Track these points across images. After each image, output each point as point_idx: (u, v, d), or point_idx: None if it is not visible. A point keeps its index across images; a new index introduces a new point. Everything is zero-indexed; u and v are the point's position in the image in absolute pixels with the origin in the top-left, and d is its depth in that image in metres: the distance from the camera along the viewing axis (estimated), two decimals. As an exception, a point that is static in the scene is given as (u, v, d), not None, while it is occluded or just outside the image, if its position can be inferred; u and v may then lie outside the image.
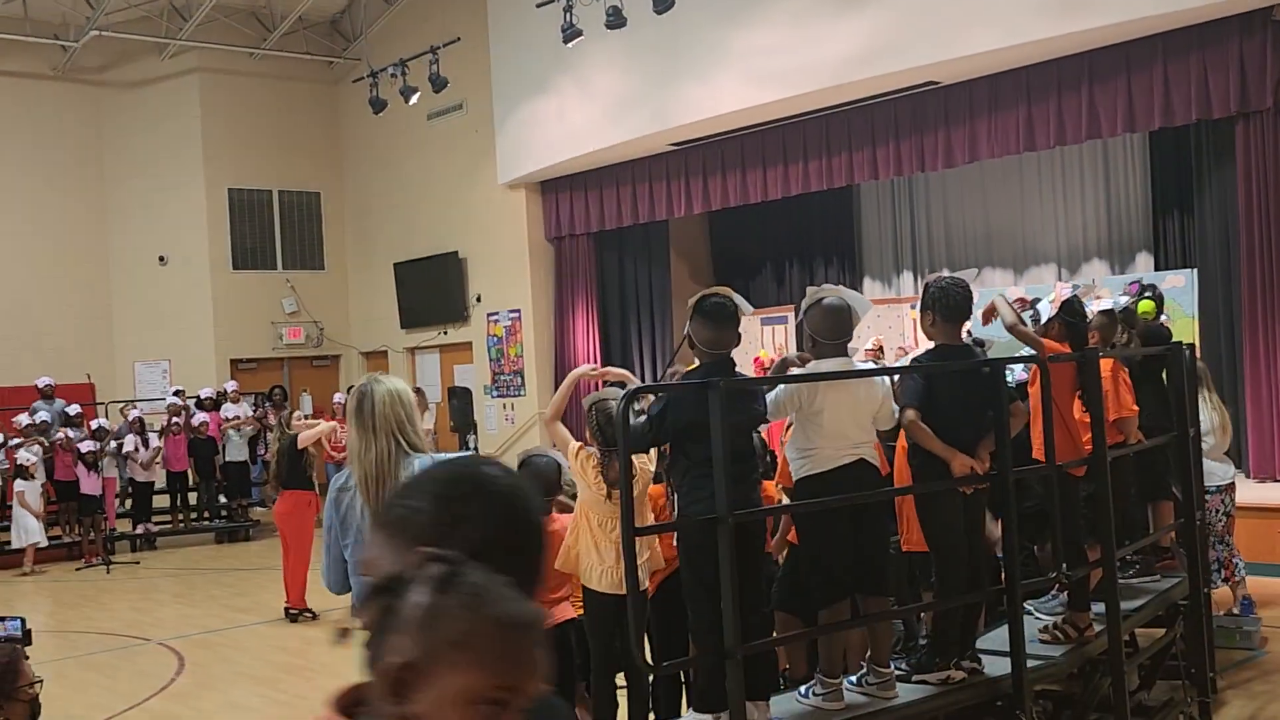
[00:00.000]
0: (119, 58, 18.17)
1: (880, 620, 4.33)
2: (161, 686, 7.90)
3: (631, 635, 3.70)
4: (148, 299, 18.25)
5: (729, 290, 4.13)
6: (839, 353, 4.33)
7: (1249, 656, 6.92)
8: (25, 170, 17.60)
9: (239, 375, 17.72)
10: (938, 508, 4.47)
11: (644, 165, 15.08)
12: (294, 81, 19.03)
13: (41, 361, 16.42)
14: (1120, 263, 13.27)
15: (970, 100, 11.93)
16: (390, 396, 3.86)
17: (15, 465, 13.41)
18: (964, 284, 4.61)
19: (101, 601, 11.39)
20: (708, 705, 3.92)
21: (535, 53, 15.14)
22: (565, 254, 16.49)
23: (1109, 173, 13.43)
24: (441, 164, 17.50)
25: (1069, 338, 5.26)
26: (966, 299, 4.59)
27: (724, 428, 3.65)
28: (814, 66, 12.13)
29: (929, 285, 4.64)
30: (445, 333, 17.79)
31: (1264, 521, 9.13)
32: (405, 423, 3.84)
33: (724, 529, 3.68)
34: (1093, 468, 5.08)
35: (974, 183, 14.44)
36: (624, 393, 3.74)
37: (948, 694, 4.41)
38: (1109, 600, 4.97)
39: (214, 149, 18.26)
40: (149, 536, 14.87)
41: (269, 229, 18.88)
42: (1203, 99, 10.28)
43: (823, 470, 4.19)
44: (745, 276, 16.64)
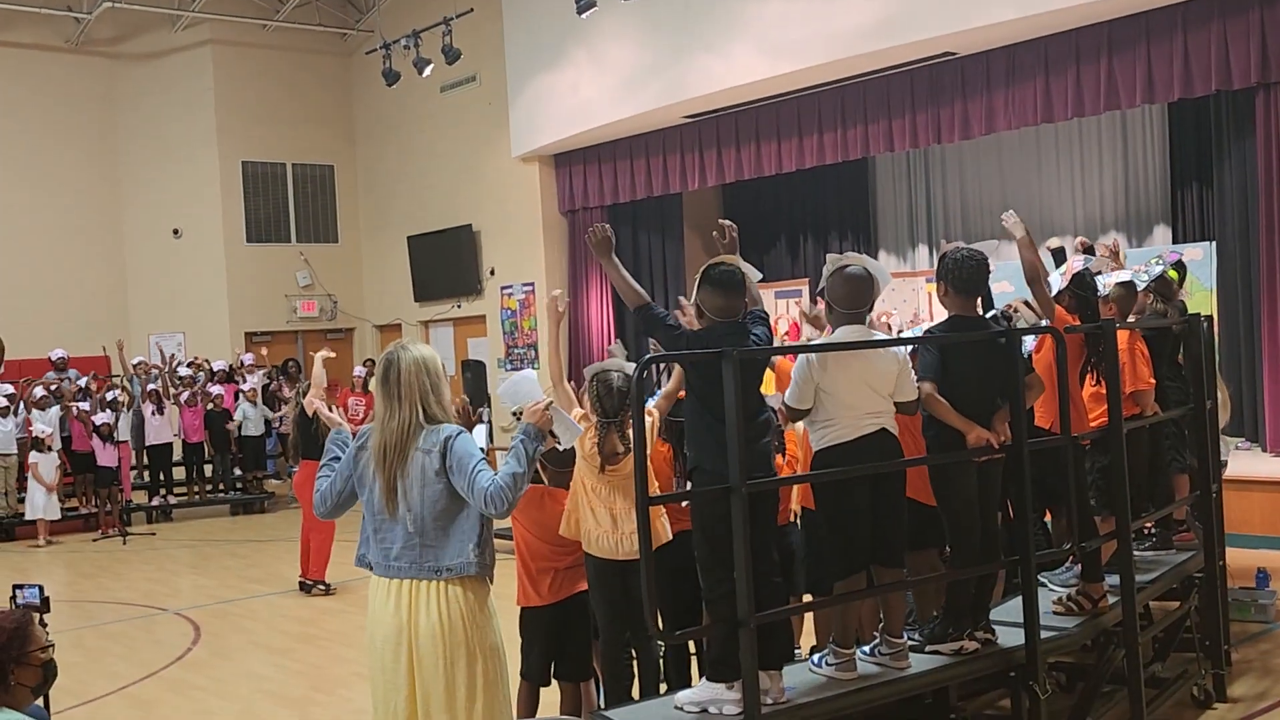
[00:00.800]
0: (132, 30, 18.16)
1: (894, 591, 4.32)
2: (178, 656, 7.96)
3: (646, 605, 3.69)
4: (162, 272, 18.30)
5: (736, 258, 4.11)
6: (857, 322, 4.30)
7: (1264, 629, 6.89)
8: (39, 143, 17.63)
9: (254, 348, 17.77)
10: (953, 479, 4.44)
11: (658, 138, 15.01)
12: (307, 53, 18.99)
13: (57, 334, 16.48)
14: (1138, 235, 13.18)
15: (988, 71, 11.82)
16: (416, 364, 3.84)
17: (32, 437, 13.48)
18: (979, 256, 4.56)
19: (118, 572, 11.47)
20: (721, 674, 3.92)
21: (549, 24, 15.06)
22: (579, 227, 16.44)
23: (1127, 144, 13.32)
24: (455, 136, 17.46)
25: (1078, 311, 5.21)
26: (979, 271, 4.54)
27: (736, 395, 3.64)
28: (829, 37, 12.03)
29: (944, 255, 4.61)
30: (459, 306, 17.79)
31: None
32: (429, 393, 3.83)
33: (737, 498, 3.67)
34: (1108, 440, 5.05)
35: (990, 155, 14.35)
36: (639, 362, 3.73)
37: (961, 664, 4.40)
38: (1124, 572, 4.95)
39: (227, 121, 18.25)
40: (165, 508, 14.96)
41: (283, 202, 18.88)
42: (1223, 69, 10.16)
43: (845, 441, 4.16)
44: (759, 249, 16.57)
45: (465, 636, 3.77)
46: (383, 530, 3.87)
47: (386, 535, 3.86)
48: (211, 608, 9.50)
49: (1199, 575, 5.89)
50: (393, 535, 3.84)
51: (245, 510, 15.40)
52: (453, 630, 3.76)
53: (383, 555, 3.87)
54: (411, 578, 3.81)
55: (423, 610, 3.78)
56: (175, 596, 10.10)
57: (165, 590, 10.45)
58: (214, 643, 8.28)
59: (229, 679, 7.32)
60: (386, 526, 3.86)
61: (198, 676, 7.41)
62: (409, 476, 3.79)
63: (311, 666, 7.57)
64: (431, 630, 3.76)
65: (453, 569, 3.79)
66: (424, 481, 3.78)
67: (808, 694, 4.06)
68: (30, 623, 3.53)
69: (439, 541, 3.80)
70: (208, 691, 7.05)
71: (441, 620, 3.76)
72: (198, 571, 11.45)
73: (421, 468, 3.78)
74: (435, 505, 3.78)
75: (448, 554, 3.79)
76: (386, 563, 3.86)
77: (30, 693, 3.48)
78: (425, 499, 3.78)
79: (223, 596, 9.95)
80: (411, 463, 3.79)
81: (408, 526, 3.80)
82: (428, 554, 3.80)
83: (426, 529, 3.79)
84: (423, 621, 3.77)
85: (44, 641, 3.55)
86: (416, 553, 3.81)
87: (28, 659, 3.45)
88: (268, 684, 7.17)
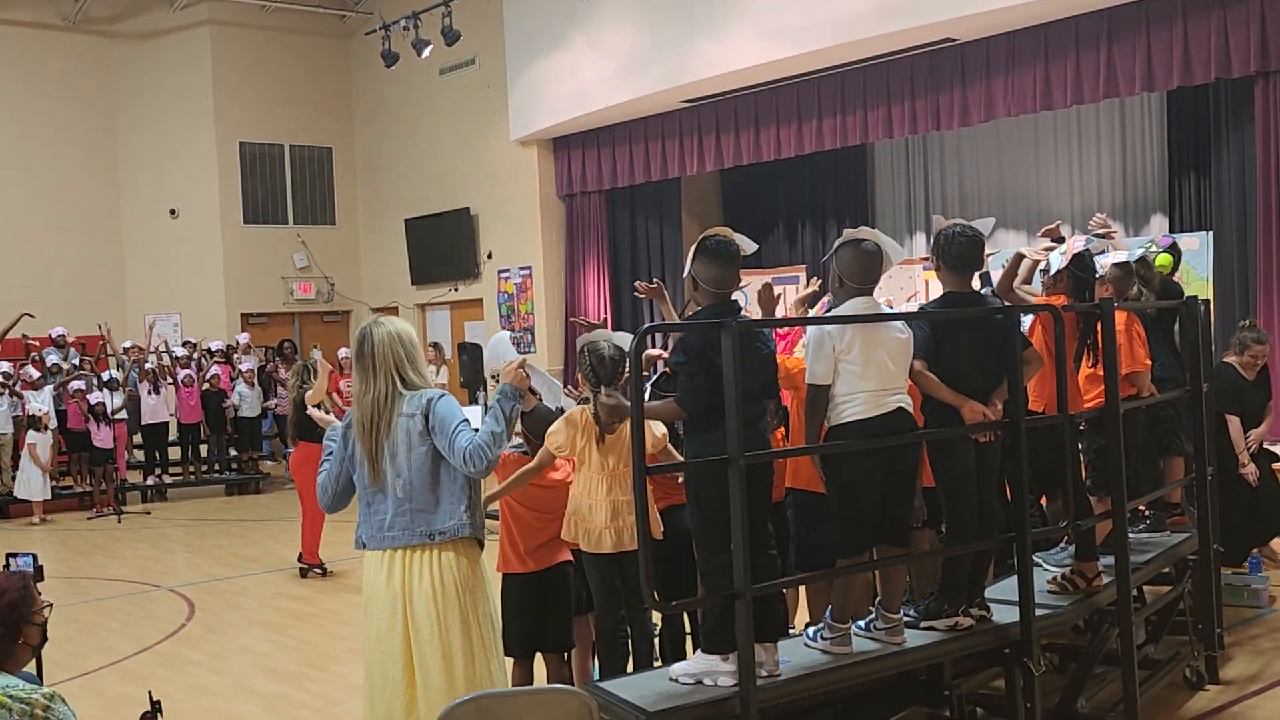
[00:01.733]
0: (130, 9, 18.10)
1: (893, 565, 4.33)
2: (172, 631, 7.97)
3: (642, 575, 3.69)
4: (159, 252, 18.27)
5: (729, 230, 4.10)
6: (866, 295, 4.29)
7: (1256, 614, 6.93)
8: (35, 122, 17.57)
9: (250, 329, 17.75)
10: (950, 456, 4.44)
11: (657, 122, 14.99)
12: (306, 35, 18.94)
13: (54, 314, 16.43)
14: (1135, 224, 13.19)
15: (987, 58, 11.81)
16: (390, 337, 3.91)
17: (28, 415, 13.46)
18: (971, 233, 4.52)
19: (113, 550, 11.48)
20: (716, 646, 3.93)
21: (548, 8, 15.04)
22: (577, 211, 16.44)
23: (1125, 133, 13.32)
24: (453, 120, 17.42)
25: (1075, 292, 5.19)
26: (971, 246, 4.48)
27: (736, 367, 3.64)
28: (829, 23, 12.01)
29: (938, 233, 4.59)
30: (456, 289, 17.78)
31: (1274, 484, 9.08)
32: (404, 362, 3.90)
33: (735, 470, 3.68)
34: (1104, 420, 5.06)
35: (989, 142, 14.34)
36: (637, 332, 3.73)
37: (955, 640, 4.42)
38: (1119, 552, 4.96)
39: (225, 102, 18.20)
40: (160, 487, 14.97)
41: (280, 183, 18.84)
42: (1222, 58, 10.16)
43: (866, 417, 4.11)
44: (757, 236, 16.37)
45: (459, 602, 3.80)
46: (374, 503, 3.91)
47: (379, 508, 3.90)
48: (206, 585, 9.50)
49: (1193, 558, 5.91)
50: (384, 506, 3.88)
51: (240, 490, 15.41)
52: (446, 596, 3.79)
53: (376, 528, 3.90)
54: (405, 545, 3.84)
55: (416, 577, 3.82)
56: (170, 574, 10.11)
57: (160, 568, 10.45)
58: (208, 619, 8.29)
59: (223, 654, 7.32)
60: (378, 499, 3.90)
61: (192, 652, 7.42)
62: (395, 443, 3.84)
63: (305, 643, 7.58)
64: (425, 596, 3.79)
65: (445, 531, 3.84)
66: (409, 445, 3.83)
67: (802, 667, 4.07)
68: (31, 583, 3.57)
69: (429, 505, 3.84)
70: (201, 666, 7.05)
71: (434, 586, 3.80)
72: (192, 550, 11.45)
73: (406, 432, 3.84)
74: (422, 468, 3.83)
75: (439, 517, 3.84)
76: (380, 534, 3.89)
77: (31, 651, 3.53)
78: (413, 463, 3.83)
79: (217, 574, 9.96)
80: (396, 429, 3.84)
81: (397, 493, 3.84)
82: (419, 519, 3.84)
83: (416, 493, 3.84)
84: (416, 588, 3.81)
85: (42, 603, 3.60)
86: (408, 518, 3.85)
87: (33, 618, 3.50)
88: (262, 659, 7.18)
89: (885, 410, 4.14)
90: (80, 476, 14.23)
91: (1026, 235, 14.06)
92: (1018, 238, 14.12)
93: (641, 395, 3.76)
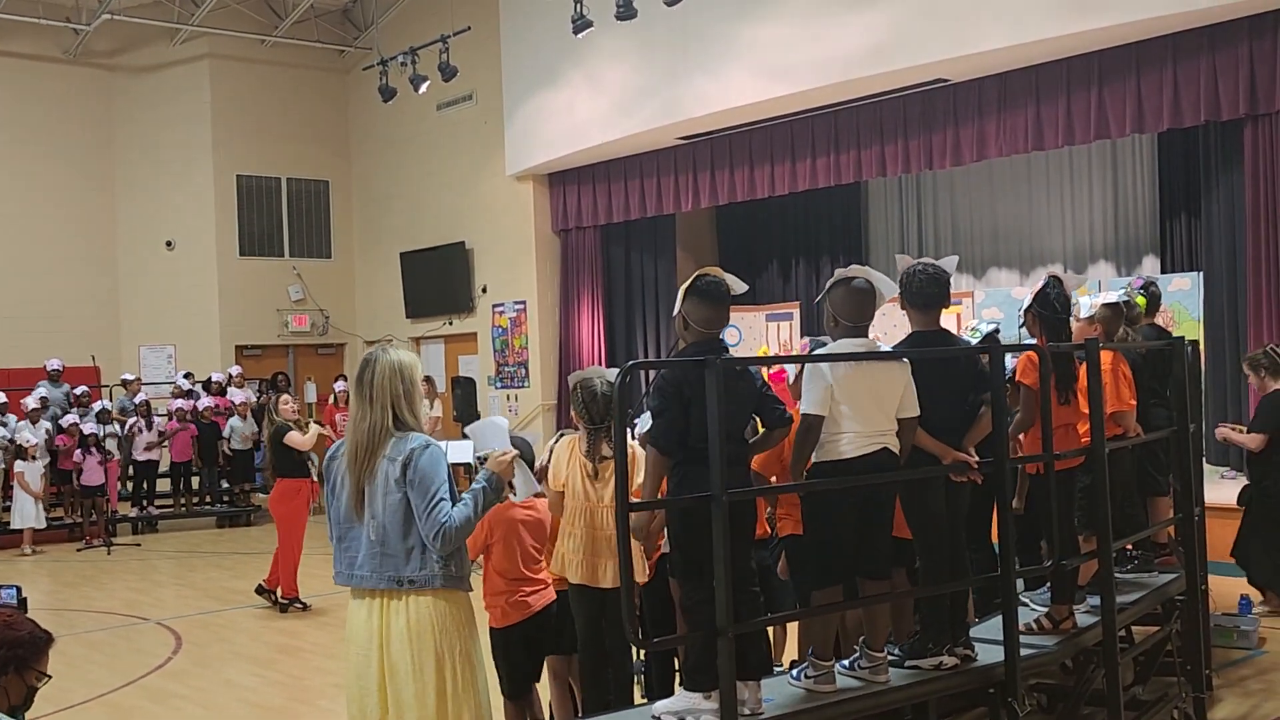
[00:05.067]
0: (130, 42, 18.22)
1: (874, 604, 4.32)
2: (158, 665, 7.93)
3: (624, 611, 3.69)
4: (154, 283, 18.30)
5: (720, 270, 4.13)
6: (859, 335, 4.30)
7: (1246, 655, 6.91)
8: (35, 153, 17.65)
9: (244, 361, 17.76)
10: (921, 494, 4.46)
11: (652, 159, 15.07)
12: (304, 69, 19.07)
13: (48, 344, 16.46)
14: (1126, 264, 13.26)
15: (979, 99, 11.90)
16: (391, 368, 3.85)
17: (16, 445, 13.44)
18: (933, 270, 4.55)
19: (101, 582, 11.43)
20: (698, 684, 3.91)
21: (545, 44, 15.15)
22: (572, 246, 16.49)
23: (1117, 174, 13.42)
24: (450, 154, 17.52)
25: (1043, 330, 5.15)
26: (933, 284, 4.52)
27: (720, 406, 3.65)
28: (824, 62, 12.11)
29: (903, 273, 4.62)
30: (451, 323, 17.80)
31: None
32: (401, 398, 3.83)
33: (718, 507, 3.68)
34: (1090, 460, 5.06)
35: (982, 182, 14.44)
36: (621, 368, 3.74)
37: (940, 680, 4.40)
38: (1104, 592, 4.95)
39: (223, 135, 18.30)
40: (150, 519, 14.93)
41: (277, 216, 18.91)
42: (1212, 100, 10.24)
43: (847, 457, 4.13)
44: (752, 272, 16.61)
45: (435, 643, 3.76)
46: (347, 539, 3.86)
47: (351, 544, 3.85)
48: (194, 618, 9.46)
49: (1181, 598, 5.89)
50: (357, 544, 3.83)
51: (231, 523, 15.36)
52: (421, 637, 3.75)
53: (347, 564, 3.86)
54: (373, 587, 3.80)
55: (393, 618, 3.78)
56: (157, 606, 10.06)
57: (148, 600, 10.40)
58: (195, 652, 8.25)
59: (209, 688, 7.28)
60: (352, 535, 3.85)
61: (178, 685, 7.37)
62: (375, 482, 3.79)
63: (291, 677, 7.54)
64: (401, 638, 3.76)
65: (415, 581, 3.77)
66: (386, 489, 3.78)
67: (785, 706, 4.05)
68: (49, 644, 3.52)
69: (399, 551, 3.77)
70: (188, 700, 7.01)
71: (410, 628, 3.76)
72: (181, 582, 11.40)
73: (385, 475, 3.78)
74: (395, 515, 3.77)
75: (410, 565, 3.77)
76: (350, 572, 3.85)
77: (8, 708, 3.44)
78: (387, 507, 3.78)
79: (206, 607, 9.91)
80: (378, 469, 3.79)
81: (370, 534, 3.79)
82: (388, 563, 3.78)
83: (388, 537, 3.78)
84: (393, 629, 3.78)
85: (46, 670, 3.53)
86: (378, 561, 3.79)
87: (27, 674, 3.43)
88: (247, 694, 7.14)
89: (868, 451, 4.16)
90: (71, 508, 14.18)
91: (1019, 274, 14.14)
92: (1010, 276, 14.20)
93: (625, 432, 3.76)
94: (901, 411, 4.27)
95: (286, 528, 9.58)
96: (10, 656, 3.36)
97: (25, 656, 3.41)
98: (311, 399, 18.60)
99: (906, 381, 4.29)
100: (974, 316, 12.04)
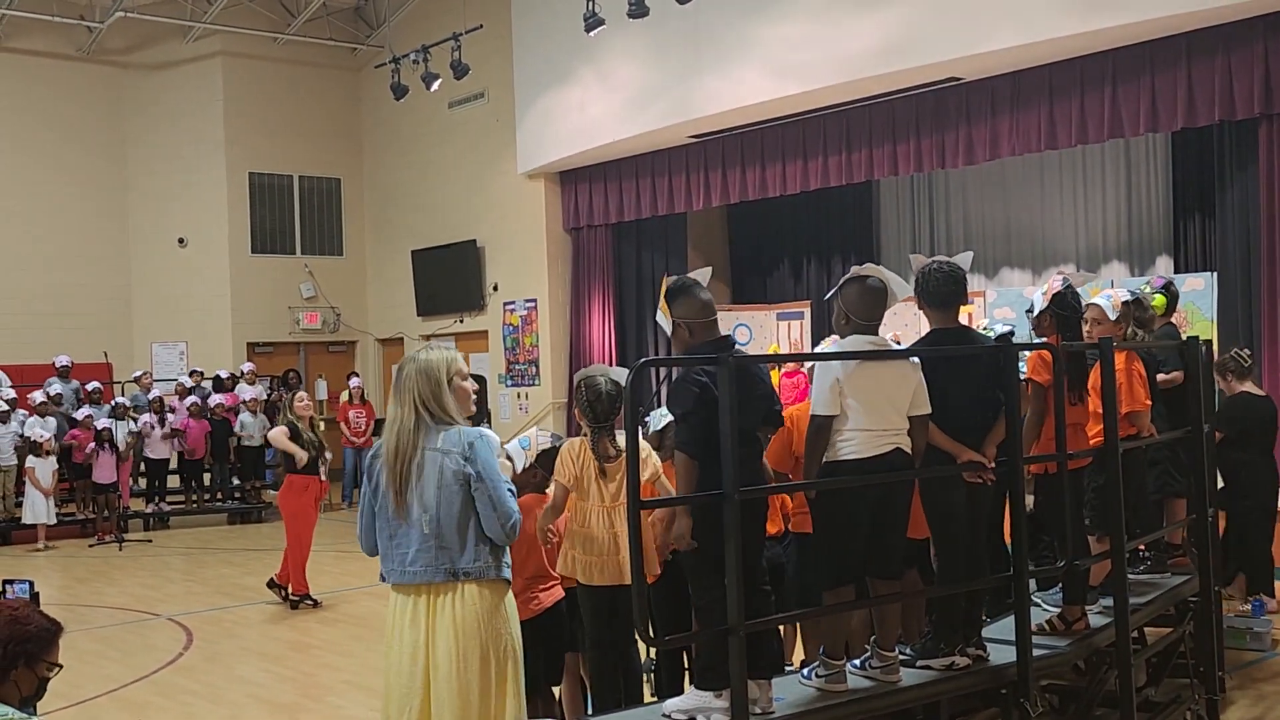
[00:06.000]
0: (143, 40, 18.27)
1: (887, 603, 4.31)
2: (169, 660, 7.94)
3: (635, 610, 3.68)
4: (166, 281, 18.36)
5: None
6: (869, 333, 4.29)
7: (1259, 657, 6.87)
8: (47, 150, 17.72)
9: (255, 358, 17.80)
10: (941, 494, 4.44)
11: (663, 157, 15.07)
12: (317, 67, 19.10)
13: (61, 340, 16.52)
14: (1140, 264, 13.20)
15: (992, 97, 11.86)
16: (417, 369, 3.85)
17: (29, 442, 13.47)
18: (949, 268, 4.55)
19: (113, 577, 11.46)
20: (709, 683, 3.91)
21: (557, 42, 15.15)
22: (583, 245, 16.49)
23: (1130, 173, 13.36)
24: (461, 152, 17.53)
25: (1059, 330, 5.16)
26: (949, 282, 4.52)
27: (732, 403, 3.64)
28: (836, 61, 12.09)
29: (918, 272, 4.61)
30: (461, 321, 17.82)
31: (1278, 526, 9.04)
32: (429, 397, 3.82)
33: (730, 505, 3.67)
34: (1103, 460, 5.04)
35: (994, 181, 14.39)
36: (633, 366, 3.73)
37: (951, 680, 4.39)
38: (1117, 593, 4.93)
39: (236, 133, 18.34)
40: (162, 515, 14.95)
41: (289, 213, 18.96)
42: (1226, 99, 10.20)
43: (859, 457, 4.12)
44: (762, 271, 16.62)
45: (480, 638, 3.75)
46: (398, 536, 3.82)
47: (402, 541, 3.82)
48: (205, 614, 9.48)
49: (1194, 600, 5.87)
50: (408, 540, 3.80)
51: (242, 519, 15.38)
52: (466, 632, 3.74)
53: (399, 562, 3.82)
54: (428, 581, 3.78)
55: (439, 614, 3.76)
56: (169, 602, 10.08)
57: (159, 596, 10.42)
58: (206, 648, 8.26)
59: (219, 684, 7.30)
60: (401, 532, 3.82)
61: (188, 681, 7.39)
62: (423, 477, 3.77)
63: (302, 674, 7.55)
64: (447, 633, 3.74)
65: (470, 572, 3.77)
66: (441, 482, 3.76)
67: (796, 705, 4.05)
68: (59, 634, 3.52)
69: (455, 544, 3.77)
70: (198, 696, 7.02)
71: (456, 622, 3.74)
72: (192, 579, 11.42)
73: (440, 468, 3.77)
74: (452, 506, 3.76)
75: (465, 556, 3.77)
76: (403, 569, 3.81)
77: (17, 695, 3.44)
78: (442, 500, 3.76)
79: (216, 603, 9.93)
80: (426, 463, 3.77)
81: (423, 528, 3.77)
82: (443, 556, 3.77)
83: (443, 530, 3.77)
84: (439, 626, 3.76)
85: (57, 660, 3.53)
86: (432, 554, 3.77)
87: (37, 666, 3.43)
88: (258, 690, 7.15)
89: (881, 451, 4.14)
90: (83, 504, 14.23)
91: (1032, 274, 14.09)
92: (1023, 275, 14.15)
93: (637, 431, 3.76)
94: (913, 409, 4.26)
95: (295, 524, 9.58)
96: (19, 651, 3.37)
97: (34, 650, 3.41)
98: (323, 396, 18.64)
99: (918, 379, 4.27)
100: (986, 316, 12.00)
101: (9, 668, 3.36)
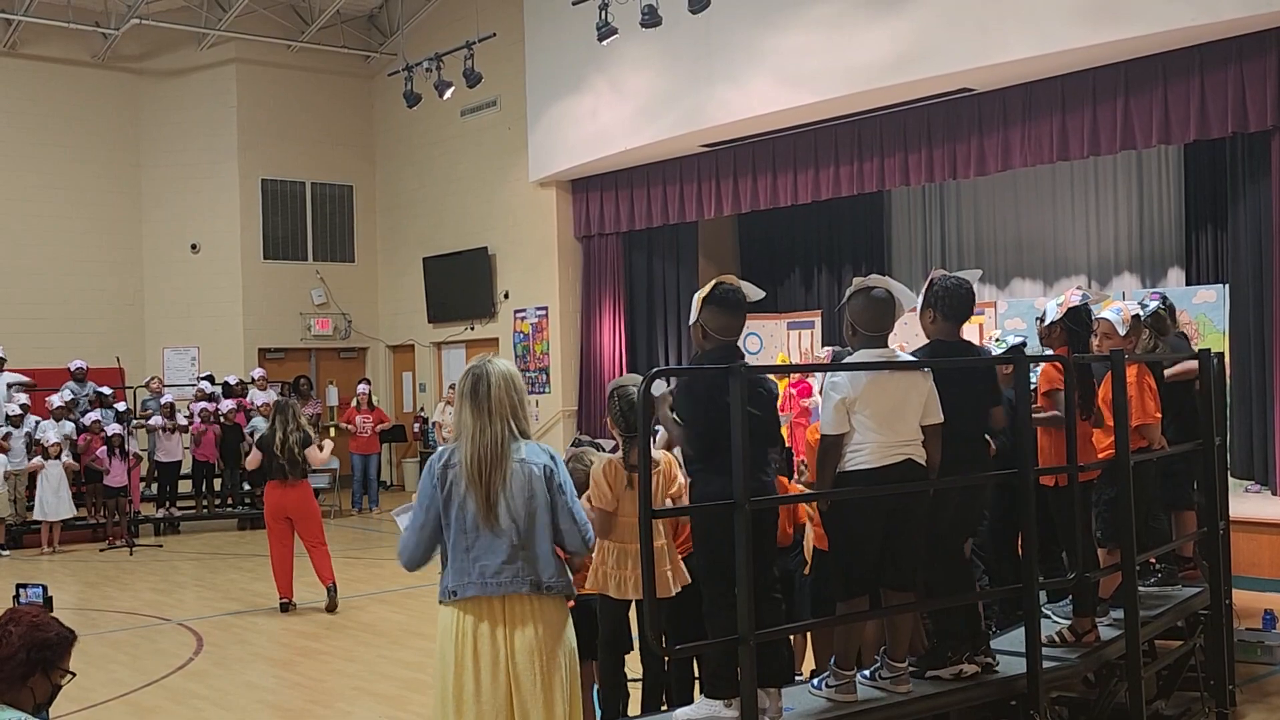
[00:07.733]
0: (158, 47, 18.36)
1: (897, 613, 4.31)
2: (179, 665, 7.96)
3: (647, 618, 3.69)
4: (179, 286, 18.43)
5: (735, 278, 4.16)
6: (879, 344, 4.30)
7: (1270, 671, 6.85)
8: (62, 155, 17.80)
9: (266, 364, 17.85)
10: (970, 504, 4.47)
11: (675, 166, 15.09)
12: (330, 74, 19.18)
13: (73, 345, 16.58)
14: (1151, 276, 13.18)
15: (1004, 108, 11.87)
16: (505, 380, 3.85)
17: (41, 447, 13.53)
18: (967, 285, 4.60)
19: (123, 582, 11.49)
20: (719, 691, 3.92)
21: (570, 50, 15.19)
22: (594, 253, 16.52)
23: (1142, 185, 13.35)
24: (473, 160, 17.59)
25: (1069, 344, 5.18)
26: (967, 299, 4.57)
27: (742, 412, 3.65)
28: (848, 70, 12.11)
29: (933, 282, 4.62)
30: (472, 328, 17.86)
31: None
32: (518, 408, 3.85)
33: (741, 514, 3.68)
34: (1114, 472, 5.04)
35: (1006, 191, 14.38)
36: (644, 376, 3.74)
37: (961, 690, 4.39)
38: (1128, 605, 4.93)
39: (249, 139, 18.42)
40: (172, 520, 15.00)
41: (301, 220, 19.02)
42: (1239, 111, 10.18)
43: (869, 467, 4.13)
44: (773, 280, 16.61)
45: (562, 650, 3.80)
46: (477, 548, 3.76)
47: (483, 552, 3.76)
48: (215, 619, 9.50)
49: (1205, 612, 5.86)
50: (492, 551, 3.75)
51: (253, 525, 15.38)
52: (549, 643, 3.77)
53: (479, 574, 3.75)
54: (512, 592, 3.76)
55: (519, 626, 3.76)
56: (179, 607, 10.11)
57: (169, 601, 10.45)
58: (216, 653, 8.28)
59: (229, 689, 7.31)
60: (483, 543, 3.76)
61: (198, 686, 7.41)
62: (510, 489, 3.77)
63: (311, 680, 7.57)
64: (528, 647, 3.74)
65: (552, 586, 3.80)
66: (530, 493, 3.78)
67: (806, 715, 4.05)
68: (74, 643, 3.54)
69: (538, 556, 3.79)
70: (208, 701, 7.04)
71: (539, 634, 3.76)
72: (202, 584, 11.45)
73: (529, 479, 3.78)
74: (537, 519, 3.79)
75: (547, 570, 3.79)
76: (484, 580, 3.75)
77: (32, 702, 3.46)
78: (530, 511, 3.78)
79: (227, 609, 9.96)
80: (510, 474, 3.78)
81: (512, 539, 3.76)
82: (528, 568, 3.77)
83: (530, 541, 3.78)
84: (519, 640, 3.75)
85: (69, 668, 3.55)
86: (519, 565, 3.76)
87: (54, 673, 3.45)
88: (267, 695, 7.17)
89: (892, 461, 4.14)
90: (94, 508, 14.28)
91: (1043, 285, 14.08)
92: (1034, 286, 14.14)
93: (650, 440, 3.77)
94: (926, 418, 4.26)
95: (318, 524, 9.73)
96: (40, 658, 3.39)
97: (52, 658, 3.43)
98: (333, 402, 18.70)
99: (929, 389, 4.28)
100: (998, 327, 11.99)
101: (28, 675, 3.38)
